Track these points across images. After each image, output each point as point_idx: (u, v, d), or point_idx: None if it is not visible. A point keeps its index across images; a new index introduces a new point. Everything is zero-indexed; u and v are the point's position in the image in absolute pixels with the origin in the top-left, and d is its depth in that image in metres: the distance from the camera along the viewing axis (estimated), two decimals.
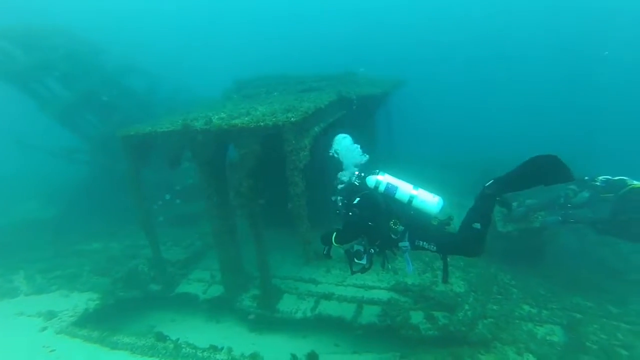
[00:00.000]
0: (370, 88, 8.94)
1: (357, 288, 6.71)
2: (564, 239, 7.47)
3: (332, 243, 3.89)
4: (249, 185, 5.54)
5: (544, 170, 3.27)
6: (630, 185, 5.73)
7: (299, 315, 6.38)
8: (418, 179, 4.15)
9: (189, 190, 10.64)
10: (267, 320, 6.57)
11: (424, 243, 3.72)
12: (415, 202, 3.78)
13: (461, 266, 6.93)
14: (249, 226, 6.03)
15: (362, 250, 3.96)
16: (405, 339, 5.64)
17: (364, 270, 4.11)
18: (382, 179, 3.91)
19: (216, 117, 5.98)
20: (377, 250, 3.95)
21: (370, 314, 6.10)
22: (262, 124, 5.16)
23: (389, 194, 3.84)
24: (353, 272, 4.11)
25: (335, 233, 3.84)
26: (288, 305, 6.61)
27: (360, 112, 8.12)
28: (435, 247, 3.71)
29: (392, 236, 3.77)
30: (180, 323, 7.03)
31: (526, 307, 6.01)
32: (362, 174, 4.08)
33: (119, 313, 7.00)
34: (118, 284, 7.37)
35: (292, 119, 5.05)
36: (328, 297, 6.60)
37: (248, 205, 5.77)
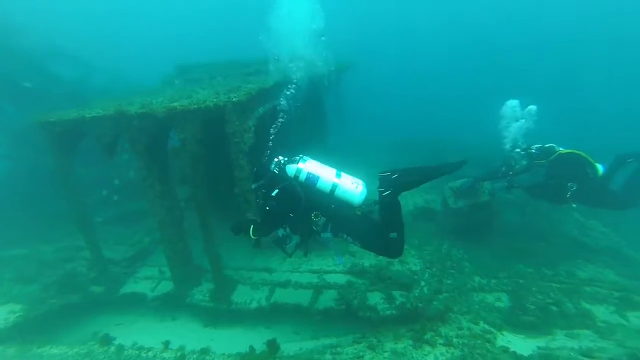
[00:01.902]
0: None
1: (313, 274, 6.60)
2: (507, 213, 7.86)
3: (250, 235, 3.56)
4: (192, 171, 5.18)
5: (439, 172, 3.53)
6: (557, 151, 6.21)
7: (254, 305, 6.17)
8: (352, 163, 4.00)
9: (131, 185, 9.84)
10: (221, 313, 6.29)
11: (348, 237, 3.61)
12: (337, 192, 3.56)
13: (416, 245, 7.07)
14: (197, 215, 5.67)
15: (289, 234, 3.73)
16: (364, 320, 5.62)
17: (301, 248, 3.90)
18: (303, 167, 3.58)
19: (154, 101, 5.50)
20: (300, 239, 3.76)
21: (327, 299, 6.02)
22: (203, 105, 4.79)
23: (309, 184, 3.57)
24: (290, 255, 3.91)
25: (253, 226, 3.51)
26: (242, 296, 6.36)
27: (310, 93, 7.93)
28: (359, 244, 3.63)
29: (314, 228, 3.59)
30: (128, 326, 6.51)
31: (477, 279, 6.27)
32: (283, 161, 3.71)
33: (54, 323, 6.31)
34: (50, 290, 6.64)
35: (234, 99, 4.74)
36: (284, 285, 6.44)
37: (193, 193, 5.40)
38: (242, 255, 7.15)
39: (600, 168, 6.04)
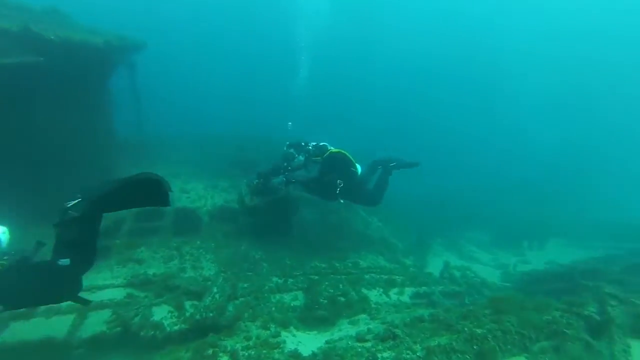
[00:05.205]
0: (86, 35, 6.92)
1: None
2: (305, 211, 8.22)
3: None
4: None
5: (142, 194, 2.90)
6: (329, 150, 6.74)
7: None
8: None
9: None
10: None
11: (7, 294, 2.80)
12: None
13: (212, 248, 6.49)
14: None
15: None
16: (147, 341, 4.70)
17: None
18: None
19: None
20: None
21: (97, 322, 4.78)
22: None
23: None
24: None
25: None
26: None
27: (76, 69, 6.16)
28: (10, 306, 2.89)
29: None
30: None
31: (275, 279, 6.12)
32: None
33: None
34: None
35: None
36: (26, 315, 4.71)
37: None
38: None
39: (359, 168, 6.87)
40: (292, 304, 5.63)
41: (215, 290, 5.24)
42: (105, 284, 5.42)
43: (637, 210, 15.23)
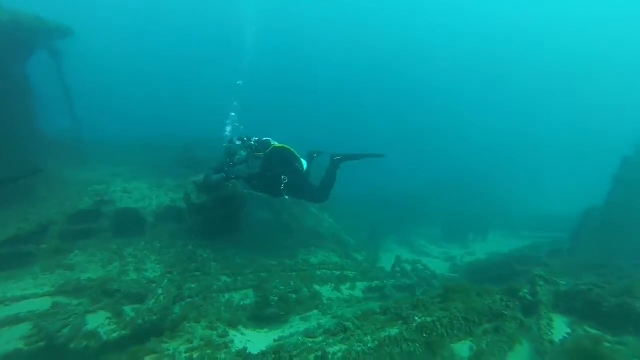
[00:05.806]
0: None
1: None
2: (256, 210, 8.01)
3: None
4: None
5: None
6: (272, 145, 6.52)
7: None
8: None
9: None
10: None
11: None
12: None
13: (157, 249, 6.11)
14: None
15: None
16: (78, 354, 4.27)
17: None
18: None
19: None
20: None
21: (9, 340, 4.20)
22: None
23: None
24: None
25: None
26: None
27: None
28: None
29: None
30: None
31: (224, 278, 5.87)
32: None
33: None
34: None
35: None
36: None
37: None
38: None
39: (305, 163, 6.66)
40: (242, 303, 5.42)
41: (160, 292, 4.90)
42: (26, 294, 4.86)
43: (560, 204, 16.84)
